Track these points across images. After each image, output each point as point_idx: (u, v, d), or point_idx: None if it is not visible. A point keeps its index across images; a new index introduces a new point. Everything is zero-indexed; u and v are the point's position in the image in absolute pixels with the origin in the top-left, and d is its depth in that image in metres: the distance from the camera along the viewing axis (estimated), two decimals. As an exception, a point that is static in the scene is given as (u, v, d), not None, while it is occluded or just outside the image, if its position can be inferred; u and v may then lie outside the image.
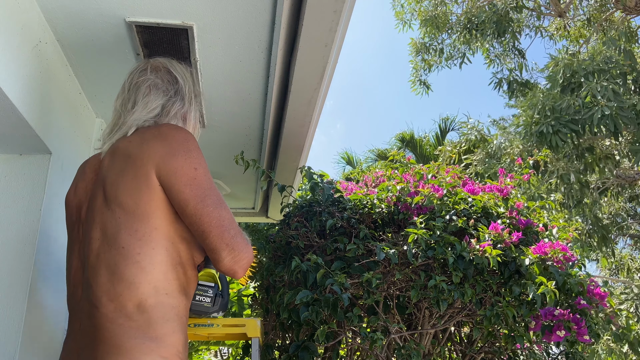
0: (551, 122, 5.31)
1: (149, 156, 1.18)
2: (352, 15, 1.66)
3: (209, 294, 1.41)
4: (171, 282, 1.14)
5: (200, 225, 1.15)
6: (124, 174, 1.18)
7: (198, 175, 1.18)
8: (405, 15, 8.91)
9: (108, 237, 1.14)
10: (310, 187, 2.18)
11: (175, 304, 1.15)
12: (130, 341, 1.06)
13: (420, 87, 9.42)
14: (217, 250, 1.15)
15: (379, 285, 1.89)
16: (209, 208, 1.16)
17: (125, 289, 1.09)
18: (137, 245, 1.12)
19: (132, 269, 1.10)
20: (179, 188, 1.16)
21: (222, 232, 1.15)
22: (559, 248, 1.83)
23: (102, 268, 1.12)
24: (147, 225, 1.14)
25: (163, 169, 1.16)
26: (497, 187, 2.25)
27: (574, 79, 5.48)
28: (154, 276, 1.12)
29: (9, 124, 1.49)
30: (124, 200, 1.15)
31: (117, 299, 1.09)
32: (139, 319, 1.08)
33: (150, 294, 1.10)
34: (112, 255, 1.12)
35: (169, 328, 1.11)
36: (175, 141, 1.21)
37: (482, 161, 6.89)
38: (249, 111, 2.11)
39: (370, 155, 11.16)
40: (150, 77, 1.37)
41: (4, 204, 1.61)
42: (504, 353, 2.23)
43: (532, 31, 8.69)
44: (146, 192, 1.15)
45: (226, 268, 1.16)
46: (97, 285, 1.11)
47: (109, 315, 1.08)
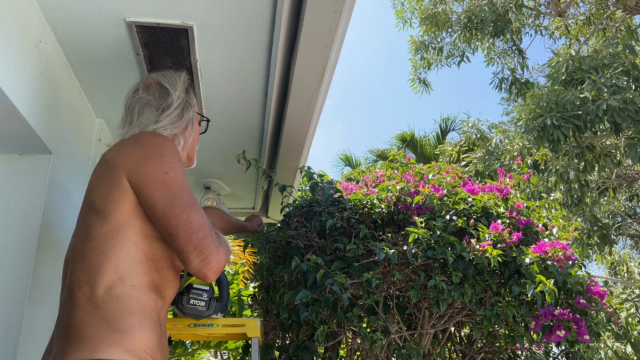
0: (555, 114, 5.27)
1: (123, 161, 1.22)
2: (352, 15, 1.66)
3: (204, 297, 1.41)
4: (139, 274, 1.17)
5: (169, 227, 1.17)
6: (99, 179, 1.25)
7: (168, 179, 1.20)
8: (406, 14, 8.90)
9: (83, 235, 1.21)
10: (311, 187, 2.18)
11: (142, 298, 1.15)
12: (95, 330, 1.08)
13: (420, 86, 9.42)
14: (184, 253, 1.16)
15: (379, 285, 1.89)
16: (176, 210, 1.17)
17: (92, 276, 1.14)
18: (103, 238, 1.17)
19: (98, 257, 1.15)
20: (148, 191, 1.19)
21: (189, 234, 1.15)
22: (559, 247, 1.83)
23: (77, 260, 1.19)
24: (114, 221, 1.18)
25: (134, 173, 1.20)
26: (497, 187, 2.25)
27: (576, 75, 5.46)
28: (119, 266, 1.15)
29: (9, 124, 1.49)
30: (95, 201, 1.22)
31: (85, 286, 1.13)
32: (105, 307, 1.10)
33: (116, 282, 1.13)
34: (85, 247, 1.18)
35: (134, 321, 1.12)
36: (150, 146, 1.26)
37: (482, 159, 6.89)
38: (249, 111, 2.11)
39: (370, 155, 11.16)
40: (142, 95, 1.43)
41: (4, 204, 1.61)
42: (504, 353, 2.23)
43: (532, 29, 8.68)
44: (115, 192, 1.20)
45: (195, 271, 1.16)
46: (73, 277, 1.17)
47: (80, 302, 1.12)
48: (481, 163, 6.84)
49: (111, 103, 2.02)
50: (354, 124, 78.55)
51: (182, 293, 1.44)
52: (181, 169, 1.25)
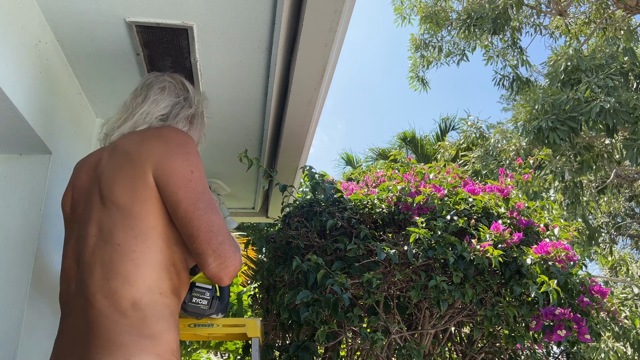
0: (550, 117, 5.29)
1: (147, 155, 1.19)
2: (352, 14, 1.66)
3: (206, 296, 1.41)
4: (165, 281, 1.15)
5: (190, 228, 1.15)
6: (120, 171, 1.20)
7: (194, 178, 1.19)
8: (405, 11, 8.90)
9: (104, 233, 1.15)
10: (312, 187, 2.17)
11: (169, 303, 1.15)
12: (125, 337, 1.05)
13: (419, 84, 9.41)
14: (203, 255, 1.14)
15: (380, 286, 1.89)
16: (199, 212, 1.15)
17: (120, 285, 1.09)
18: (132, 242, 1.13)
19: (127, 266, 1.11)
20: (173, 189, 1.16)
21: (210, 237, 1.14)
22: (562, 247, 1.83)
23: (97, 264, 1.12)
24: (143, 223, 1.15)
25: (160, 169, 1.17)
26: (498, 187, 2.25)
27: (574, 75, 5.47)
28: (148, 275, 1.12)
29: (9, 124, 1.49)
30: (119, 197, 1.16)
31: (111, 296, 1.08)
32: (134, 316, 1.08)
33: (145, 292, 1.10)
34: (108, 251, 1.12)
35: (164, 326, 1.11)
36: (175, 143, 1.23)
37: (480, 159, 6.90)
38: (249, 111, 2.11)
39: (371, 154, 11.16)
40: (165, 78, 1.42)
41: (4, 204, 1.61)
42: (504, 353, 2.23)
43: (531, 28, 8.68)
44: (142, 190, 1.16)
45: (211, 274, 1.15)
46: (92, 281, 1.11)
47: (104, 311, 1.07)
48: (479, 163, 6.85)
49: (111, 103, 2.02)
50: (355, 124, 78.59)
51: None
52: (203, 169, 1.24)
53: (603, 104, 4.94)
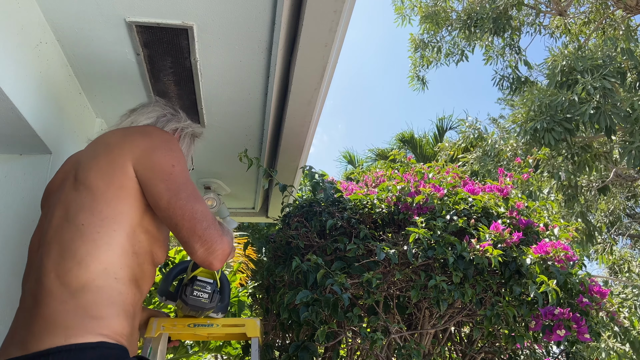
0: (546, 118, 5.30)
1: (130, 148, 1.22)
2: (352, 14, 1.66)
3: (207, 290, 1.41)
4: (124, 268, 1.14)
5: (174, 217, 1.17)
6: (98, 158, 1.22)
7: (175, 171, 1.22)
8: (405, 11, 8.90)
9: (69, 215, 1.15)
10: (312, 187, 2.18)
11: (124, 291, 1.13)
12: (70, 319, 1.03)
13: (418, 83, 9.41)
14: (189, 242, 1.16)
15: (379, 285, 1.89)
16: (182, 201, 1.18)
17: (75, 265, 1.08)
18: (98, 224, 1.13)
19: (87, 246, 1.10)
20: (155, 182, 1.19)
21: (194, 224, 1.16)
22: (561, 247, 1.83)
23: (55, 243, 1.12)
24: (113, 208, 1.15)
25: (142, 162, 1.20)
26: (498, 187, 2.25)
27: (571, 76, 5.47)
28: (107, 257, 1.11)
29: (9, 124, 1.49)
30: (94, 181, 1.18)
31: (64, 275, 1.07)
32: (82, 297, 1.06)
33: (99, 274, 1.09)
34: (70, 231, 1.12)
35: (113, 311, 1.09)
36: (159, 138, 1.28)
37: (479, 159, 6.91)
38: (249, 111, 2.11)
39: (371, 154, 11.18)
40: (151, 101, 1.52)
41: (4, 204, 1.61)
42: (504, 353, 2.23)
43: (531, 28, 8.68)
44: (120, 177, 1.18)
45: (200, 259, 1.17)
46: (48, 260, 1.10)
47: (54, 291, 1.06)
48: (477, 163, 6.86)
49: (111, 103, 2.02)
50: (355, 124, 78.64)
51: (187, 285, 1.45)
52: (185, 163, 1.27)
53: (597, 106, 4.95)
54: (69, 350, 0.99)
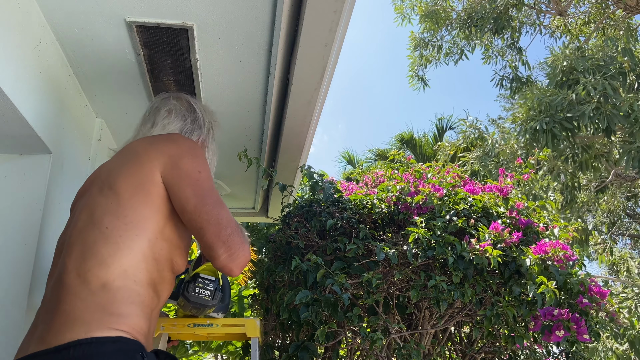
0: (545, 118, 5.30)
1: (157, 155, 1.25)
2: (352, 14, 1.66)
3: (209, 287, 1.42)
4: (143, 272, 1.15)
5: (200, 221, 1.19)
6: (127, 165, 1.25)
7: (201, 177, 1.25)
8: (405, 10, 8.90)
9: (95, 218, 1.17)
10: (311, 187, 2.18)
11: (142, 293, 1.14)
12: (89, 314, 1.05)
13: (418, 83, 9.41)
14: (213, 247, 1.18)
15: (379, 285, 1.89)
16: (208, 207, 1.21)
17: (96, 265, 1.10)
18: (122, 228, 1.15)
19: (108, 248, 1.12)
20: (182, 187, 1.22)
21: (219, 229, 1.19)
22: (560, 247, 1.83)
23: (78, 244, 1.14)
24: (138, 213, 1.18)
25: (169, 169, 1.23)
26: (497, 187, 2.25)
27: (572, 76, 5.47)
28: (127, 260, 1.13)
29: (9, 124, 1.49)
30: (121, 186, 1.20)
31: (84, 274, 1.09)
32: (103, 296, 1.08)
33: (119, 275, 1.11)
34: (94, 233, 1.15)
35: (132, 310, 1.11)
36: (185, 146, 1.31)
37: (479, 159, 6.91)
38: (249, 111, 2.11)
39: (370, 155, 11.18)
40: (172, 102, 1.50)
41: (4, 204, 1.61)
42: (504, 353, 2.23)
43: (532, 27, 8.68)
44: (147, 184, 1.21)
45: (222, 265, 1.19)
46: (70, 260, 1.13)
47: (74, 288, 1.08)
48: (478, 163, 6.86)
49: (111, 103, 2.02)
50: (355, 124, 78.62)
51: (189, 282, 1.45)
52: (210, 171, 1.31)
53: (597, 106, 4.94)
54: (90, 343, 1.01)
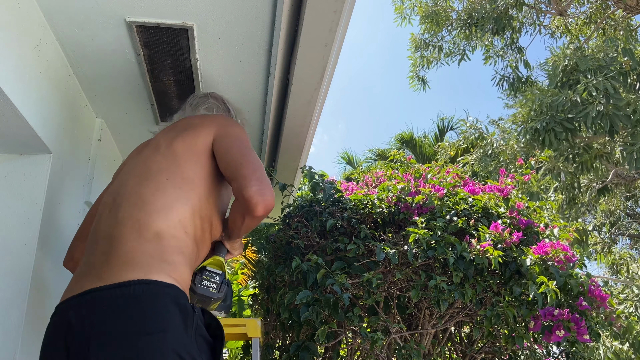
0: (546, 118, 5.29)
1: (210, 124, 1.41)
2: (352, 14, 1.66)
3: (216, 280, 1.43)
4: (191, 225, 1.25)
5: (240, 158, 1.32)
6: (184, 132, 1.38)
7: (245, 139, 1.41)
8: (405, 11, 8.89)
9: (152, 172, 1.29)
10: (311, 187, 2.18)
11: (190, 245, 1.23)
12: (146, 259, 1.13)
13: (419, 83, 9.40)
14: (247, 178, 1.27)
15: (380, 286, 1.89)
16: (250, 156, 1.34)
17: (154, 213, 1.19)
18: (179, 182, 1.27)
19: (166, 199, 1.22)
20: (230, 145, 1.36)
21: (255, 168, 1.30)
22: (560, 248, 1.83)
23: (135, 195, 1.24)
24: (192, 171, 1.30)
25: (221, 132, 1.39)
26: (498, 187, 2.25)
27: (572, 76, 5.46)
28: (182, 212, 1.23)
29: (9, 124, 1.49)
30: (178, 147, 1.33)
31: (144, 222, 1.18)
32: (158, 243, 1.16)
33: (174, 225, 1.20)
34: (151, 185, 1.25)
35: (181, 259, 1.19)
36: (231, 121, 1.48)
37: (479, 159, 6.90)
38: (249, 111, 2.11)
39: (370, 155, 11.17)
40: (210, 100, 1.63)
41: (4, 204, 1.61)
42: (504, 353, 2.23)
43: (531, 27, 8.67)
44: (200, 146, 1.35)
45: (249, 195, 1.25)
46: (127, 209, 1.21)
47: (132, 235, 1.16)
48: (478, 164, 6.85)
49: (111, 103, 2.02)
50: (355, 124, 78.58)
51: (195, 274, 1.46)
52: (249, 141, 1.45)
53: (600, 108, 4.93)
54: (149, 283, 1.08)
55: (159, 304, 1.07)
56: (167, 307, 1.08)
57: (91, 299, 1.08)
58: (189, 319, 1.10)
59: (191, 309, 1.13)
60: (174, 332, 1.05)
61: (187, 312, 1.11)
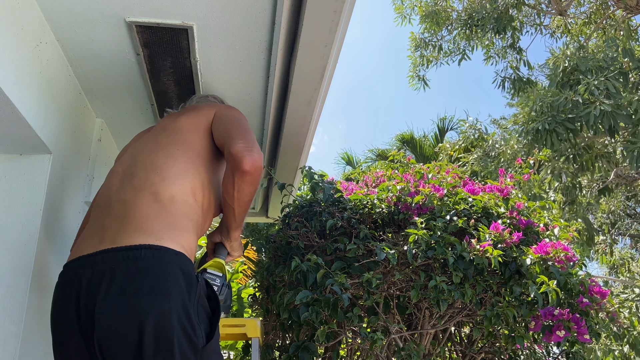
0: (547, 119, 5.29)
1: (213, 106, 1.57)
2: (352, 14, 1.66)
3: (217, 282, 1.46)
4: (200, 194, 1.34)
5: (230, 126, 1.42)
6: (188, 112, 1.53)
7: (240, 119, 1.50)
8: (405, 10, 8.89)
9: (161, 144, 1.39)
10: (311, 187, 2.18)
11: (199, 212, 1.31)
12: (158, 224, 1.20)
13: (419, 83, 9.39)
14: (235, 137, 1.37)
15: (379, 286, 1.89)
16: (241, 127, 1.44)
17: (166, 179, 1.28)
18: (189, 152, 1.38)
19: (178, 167, 1.32)
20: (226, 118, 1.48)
21: (244, 132, 1.40)
22: (561, 248, 1.83)
23: (149, 164, 1.33)
24: (201, 143, 1.43)
25: (221, 110, 1.53)
26: (498, 187, 2.25)
27: (573, 76, 5.46)
28: (192, 180, 1.32)
29: (9, 124, 1.49)
30: (183, 124, 1.46)
31: (157, 187, 1.26)
32: (170, 208, 1.24)
33: (185, 191, 1.29)
34: (162, 155, 1.35)
35: (189, 226, 1.26)
36: (232, 107, 1.61)
37: (479, 159, 6.90)
38: (249, 111, 2.11)
39: (371, 155, 11.17)
40: (210, 98, 1.77)
41: (4, 204, 1.61)
42: (504, 353, 2.23)
43: (532, 28, 8.66)
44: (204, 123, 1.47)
45: (237, 149, 1.32)
46: (141, 176, 1.30)
47: (146, 198, 1.24)
48: (478, 164, 6.85)
49: (111, 103, 2.02)
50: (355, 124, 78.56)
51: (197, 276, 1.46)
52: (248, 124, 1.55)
53: (602, 107, 4.92)
54: (159, 249, 1.14)
55: (166, 269, 1.12)
56: (174, 273, 1.12)
57: (103, 260, 1.13)
58: (192, 288, 1.14)
59: (195, 278, 1.17)
60: (177, 296, 1.09)
61: (192, 281, 1.15)
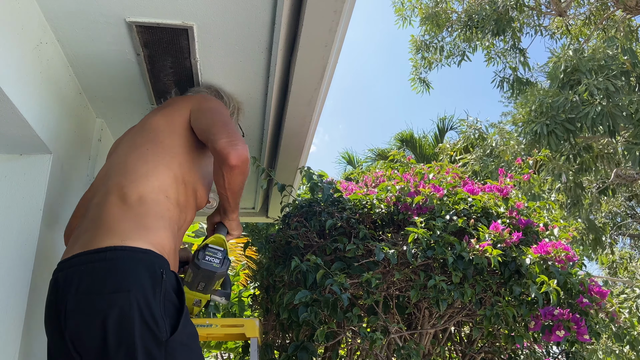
0: (546, 121, 5.28)
1: (188, 101, 1.57)
2: (352, 14, 1.66)
3: (218, 255, 1.48)
4: (173, 190, 1.36)
5: (211, 121, 1.44)
6: (164, 109, 1.54)
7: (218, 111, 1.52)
8: (406, 12, 8.89)
9: (135, 144, 1.42)
10: (310, 187, 2.18)
11: (171, 209, 1.33)
12: (126, 224, 1.23)
13: (421, 85, 9.39)
14: (217, 134, 1.38)
15: (379, 285, 1.89)
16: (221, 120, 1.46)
17: (135, 180, 1.31)
18: (160, 150, 1.39)
19: (147, 166, 1.34)
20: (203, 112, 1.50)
21: (226, 125, 1.42)
22: (561, 247, 1.83)
23: (121, 166, 1.37)
24: (172, 140, 1.43)
25: (196, 106, 1.53)
26: (497, 187, 2.25)
27: (573, 76, 5.45)
28: (162, 177, 1.34)
29: (9, 124, 1.49)
30: (159, 122, 1.48)
31: (125, 189, 1.29)
32: (138, 208, 1.26)
33: (154, 190, 1.31)
34: (135, 155, 1.38)
35: (161, 224, 1.28)
36: (209, 97, 1.63)
37: (479, 159, 6.90)
38: (249, 111, 2.11)
39: (371, 154, 11.17)
40: (202, 90, 1.79)
41: (4, 204, 1.61)
42: (504, 353, 2.23)
43: (532, 29, 8.66)
44: (178, 119, 1.49)
45: (220, 147, 1.35)
46: (113, 180, 1.33)
47: (116, 202, 1.27)
48: (478, 164, 6.85)
49: (111, 103, 2.02)
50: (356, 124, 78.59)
51: (199, 250, 1.48)
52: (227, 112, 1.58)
53: (600, 108, 4.91)
54: (124, 249, 1.18)
55: (127, 267, 1.16)
56: (135, 270, 1.16)
57: (74, 263, 1.20)
58: (157, 284, 1.17)
59: (160, 275, 1.19)
60: (139, 292, 1.13)
61: (156, 277, 1.18)
